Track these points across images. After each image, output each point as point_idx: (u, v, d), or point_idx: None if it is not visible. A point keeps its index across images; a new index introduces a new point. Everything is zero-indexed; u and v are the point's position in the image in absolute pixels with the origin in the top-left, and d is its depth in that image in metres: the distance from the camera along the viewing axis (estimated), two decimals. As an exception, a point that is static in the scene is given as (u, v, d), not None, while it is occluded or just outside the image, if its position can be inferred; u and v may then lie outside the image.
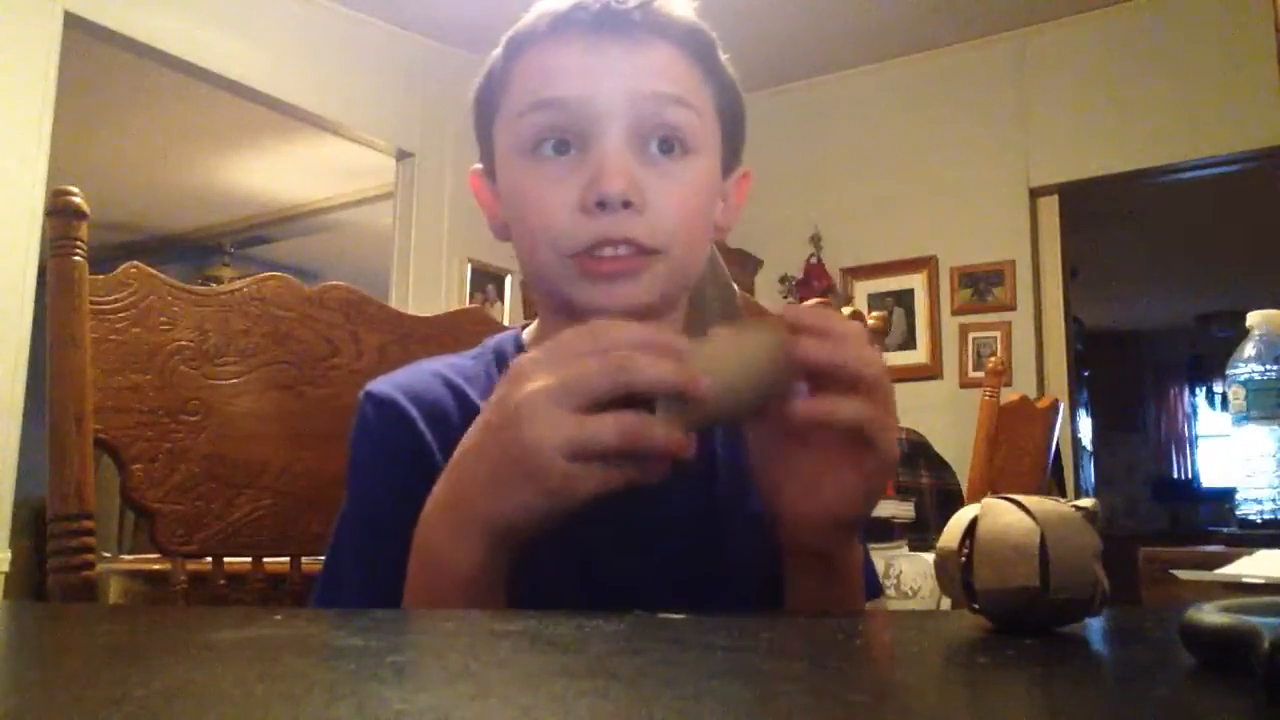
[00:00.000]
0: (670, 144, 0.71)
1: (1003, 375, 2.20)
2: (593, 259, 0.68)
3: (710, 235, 0.77)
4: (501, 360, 0.77)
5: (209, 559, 0.92)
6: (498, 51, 0.76)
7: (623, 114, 0.69)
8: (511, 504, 0.55)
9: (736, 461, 0.72)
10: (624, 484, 0.54)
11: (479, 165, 0.79)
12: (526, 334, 0.80)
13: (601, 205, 0.67)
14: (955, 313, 4.14)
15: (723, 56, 0.77)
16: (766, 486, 0.63)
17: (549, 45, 0.72)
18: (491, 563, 0.58)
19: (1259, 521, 1.24)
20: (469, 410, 0.73)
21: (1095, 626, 0.46)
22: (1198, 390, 8.28)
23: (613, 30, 0.71)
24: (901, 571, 2.39)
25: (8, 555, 2.86)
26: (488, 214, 0.78)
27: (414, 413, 0.72)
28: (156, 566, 2.21)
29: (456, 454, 0.60)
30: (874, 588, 0.81)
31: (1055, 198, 4.05)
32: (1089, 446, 6.28)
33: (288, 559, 0.95)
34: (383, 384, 0.75)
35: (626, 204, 0.67)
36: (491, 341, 0.81)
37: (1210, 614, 0.33)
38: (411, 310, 1.23)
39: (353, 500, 0.74)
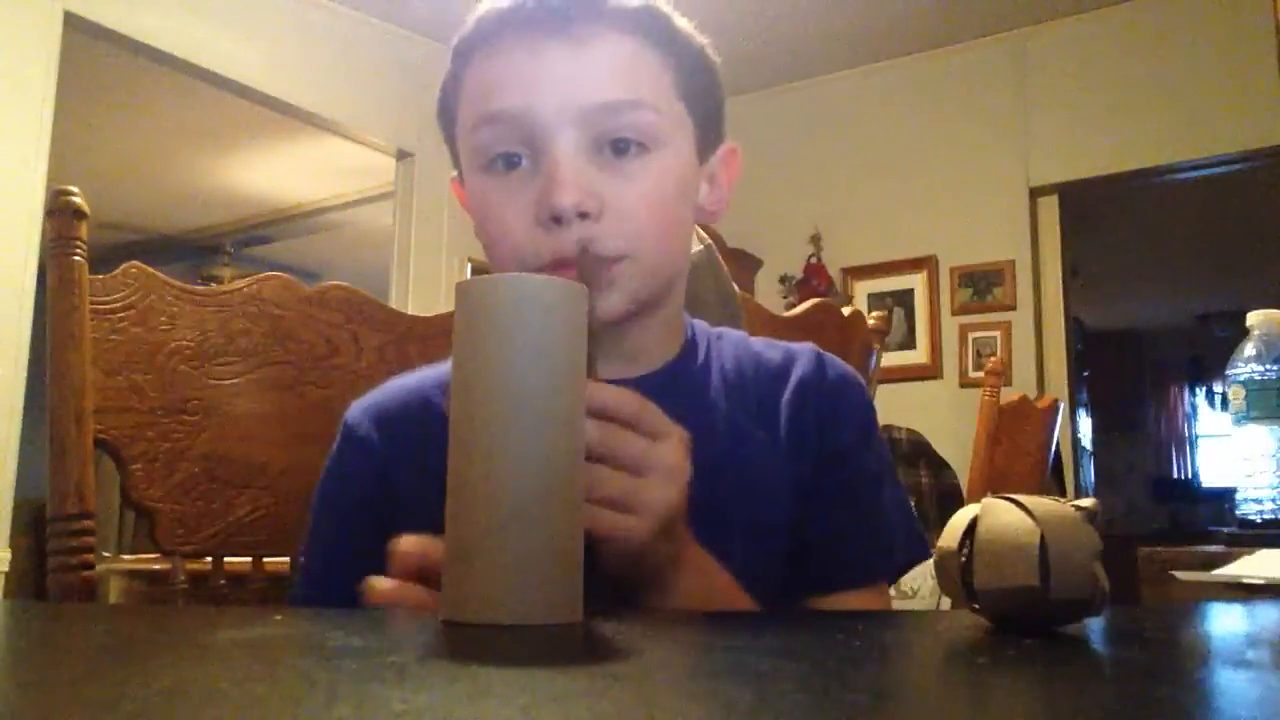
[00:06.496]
0: (627, 145, 0.68)
1: (1003, 375, 2.19)
2: (557, 273, 0.66)
3: (690, 226, 0.75)
4: None
5: (209, 559, 0.92)
6: (449, 60, 0.73)
7: (572, 124, 0.66)
8: None
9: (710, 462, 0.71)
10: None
11: (455, 172, 0.78)
12: None
13: (557, 220, 0.65)
14: (955, 313, 4.13)
15: (684, 26, 0.73)
16: None
17: (491, 53, 0.69)
18: None
19: (1259, 521, 1.24)
20: (434, 420, 0.74)
21: (1095, 626, 0.46)
22: (1198, 390, 8.28)
23: (555, 29, 0.67)
24: (901, 571, 2.38)
25: (8, 555, 2.86)
26: (472, 218, 0.77)
27: (374, 435, 0.74)
28: (156, 566, 2.22)
29: None
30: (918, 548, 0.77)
31: (1055, 198, 4.05)
32: (1089, 446, 6.28)
33: (287, 559, 0.95)
34: (355, 407, 0.77)
35: (583, 215, 0.65)
36: None
37: None
38: (411, 310, 1.23)
39: (311, 523, 0.77)
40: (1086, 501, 0.45)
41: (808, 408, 0.75)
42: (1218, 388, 7.75)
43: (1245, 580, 0.96)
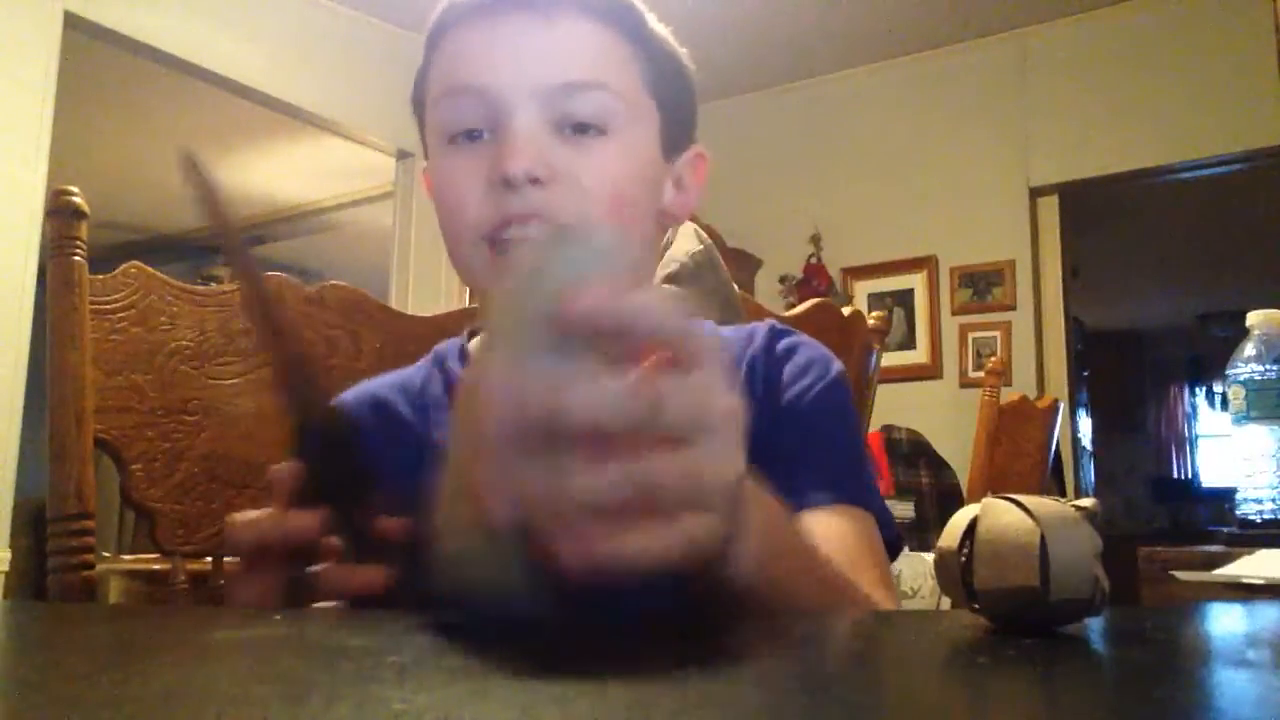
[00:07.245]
0: (586, 127, 0.68)
1: (1003, 375, 2.20)
2: (503, 239, 0.66)
3: (650, 219, 0.74)
4: (440, 364, 0.78)
5: (209, 559, 0.92)
6: (423, 52, 0.75)
7: (532, 100, 0.67)
8: None
9: None
10: None
11: (425, 164, 0.78)
12: (474, 342, 0.78)
13: (508, 184, 0.65)
14: (955, 313, 4.14)
15: (658, 29, 0.73)
16: None
17: (460, 30, 0.71)
18: None
19: (1259, 521, 1.24)
20: (391, 424, 0.75)
21: (1095, 626, 0.46)
22: (1198, 390, 8.28)
23: (526, 8, 0.68)
24: (901, 571, 2.40)
25: (8, 555, 2.86)
26: (432, 199, 0.77)
27: None
28: (156, 566, 2.22)
29: None
30: (894, 546, 0.73)
31: (1055, 198, 4.05)
32: (1089, 446, 6.28)
33: (288, 559, 0.95)
34: None
35: (534, 180, 0.65)
36: (440, 347, 0.81)
37: None
38: (411, 310, 1.23)
39: None
40: (1086, 501, 0.45)
41: (755, 377, 0.74)
42: (1218, 388, 7.75)
43: (1245, 580, 0.96)
